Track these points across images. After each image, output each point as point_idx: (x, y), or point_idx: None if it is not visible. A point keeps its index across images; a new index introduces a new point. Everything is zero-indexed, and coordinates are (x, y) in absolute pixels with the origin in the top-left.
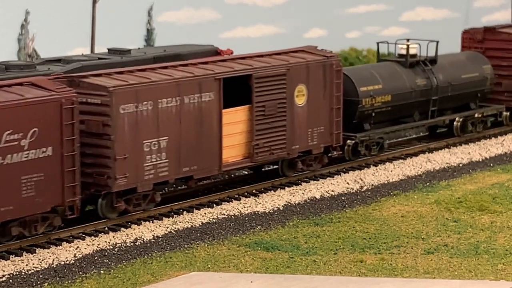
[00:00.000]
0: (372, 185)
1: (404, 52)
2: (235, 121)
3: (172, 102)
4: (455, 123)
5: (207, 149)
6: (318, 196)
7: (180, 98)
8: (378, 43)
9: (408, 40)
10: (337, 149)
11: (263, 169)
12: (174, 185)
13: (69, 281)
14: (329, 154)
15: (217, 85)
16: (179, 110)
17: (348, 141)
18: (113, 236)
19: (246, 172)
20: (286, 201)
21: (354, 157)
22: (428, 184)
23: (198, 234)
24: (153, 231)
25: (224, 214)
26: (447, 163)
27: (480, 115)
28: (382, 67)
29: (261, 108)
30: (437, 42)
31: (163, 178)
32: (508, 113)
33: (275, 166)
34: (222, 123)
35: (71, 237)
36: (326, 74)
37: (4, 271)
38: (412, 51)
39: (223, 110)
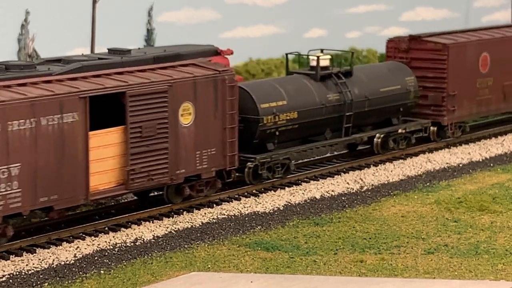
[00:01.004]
0: (372, 185)
1: (315, 64)
2: (106, 144)
3: (26, 125)
4: (375, 140)
5: (71, 176)
6: (318, 196)
7: (36, 119)
8: (287, 54)
9: (322, 51)
10: (232, 172)
11: (150, 194)
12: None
13: (69, 281)
14: (231, 178)
15: (82, 104)
16: (35, 133)
17: (249, 163)
18: (113, 236)
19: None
20: (286, 201)
21: (256, 180)
22: (428, 184)
23: (198, 234)
24: (153, 231)
25: (224, 214)
26: (447, 163)
27: (403, 131)
28: (289, 81)
29: (137, 129)
30: (352, 53)
31: (15, 210)
32: (435, 128)
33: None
34: (89, 146)
35: (71, 237)
36: (218, 91)
37: (4, 271)
38: (323, 63)
39: (91, 133)
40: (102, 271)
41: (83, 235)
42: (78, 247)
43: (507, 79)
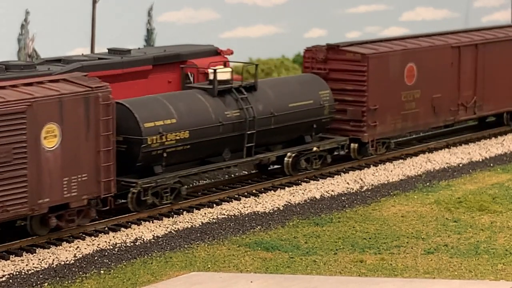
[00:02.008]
0: (372, 185)
1: (212, 77)
2: None
3: None
4: (285, 159)
5: None
6: (318, 196)
7: None
8: (182, 67)
9: (224, 64)
10: (108, 199)
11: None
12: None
13: (69, 281)
14: (107, 206)
15: None
16: None
17: (132, 189)
18: (113, 236)
19: (246, 172)
20: (286, 201)
21: (140, 207)
22: (428, 184)
23: (198, 234)
24: (153, 231)
25: (224, 214)
26: (447, 163)
27: (317, 149)
28: (180, 97)
29: None
30: (257, 65)
31: None
32: (356, 145)
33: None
34: None
35: (71, 237)
36: (90, 110)
37: (4, 271)
38: (222, 77)
39: None
40: (102, 271)
41: (83, 235)
42: (78, 247)
43: (436, 91)
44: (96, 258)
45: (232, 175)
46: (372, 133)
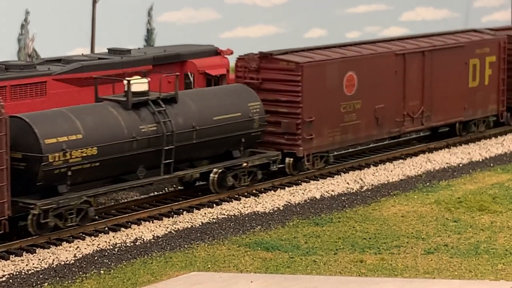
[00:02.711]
0: (372, 185)
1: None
2: None
3: None
4: (211, 176)
5: None
6: (318, 196)
7: None
8: (96, 78)
9: (144, 74)
10: (2, 223)
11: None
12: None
13: (69, 281)
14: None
15: None
16: None
17: (32, 210)
18: (113, 236)
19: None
20: (286, 201)
21: (42, 230)
22: (428, 184)
23: (198, 234)
24: (153, 231)
25: (224, 214)
26: (447, 163)
27: (246, 165)
28: (89, 111)
29: None
30: (177, 75)
31: None
32: (291, 160)
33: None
34: None
35: (71, 237)
36: None
37: (4, 271)
38: (138, 88)
39: None
40: (102, 271)
41: (83, 235)
42: (78, 247)
43: (379, 101)
44: (96, 258)
45: None
46: (308, 146)
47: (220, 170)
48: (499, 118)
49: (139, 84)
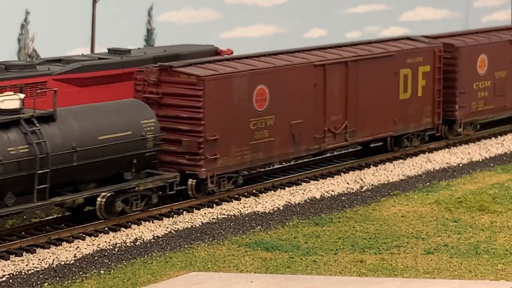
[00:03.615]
0: (372, 185)
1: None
2: None
3: None
4: (98, 200)
5: None
6: (318, 196)
7: None
8: None
9: (21, 89)
10: None
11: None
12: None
13: (69, 281)
14: None
15: None
16: None
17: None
18: (113, 236)
19: (246, 172)
20: (286, 201)
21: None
22: (428, 184)
23: (198, 234)
24: (153, 231)
25: (224, 214)
26: (447, 163)
27: (139, 189)
28: None
29: None
30: (55, 91)
31: None
32: (194, 182)
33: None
34: None
35: (71, 237)
36: None
37: (4, 271)
38: (7, 106)
39: None
40: (102, 271)
41: (83, 235)
42: (78, 247)
43: (296, 116)
44: (96, 258)
45: None
46: (211, 167)
47: (108, 194)
48: (436, 132)
49: (9, 101)
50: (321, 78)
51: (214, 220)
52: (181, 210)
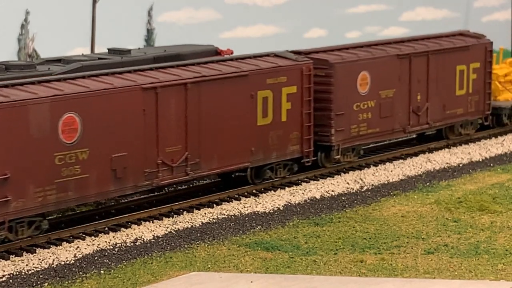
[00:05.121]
0: (372, 185)
1: None
2: None
3: None
4: None
5: None
6: (318, 196)
7: None
8: None
9: None
10: None
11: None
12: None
13: (69, 281)
14: None
15: None
16: None
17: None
18: (113, 236)
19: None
20: (286, 201)
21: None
22: (428, 184)
23: (198, 234)
24: (153, 231)
25: (224, 214)
26: (447, 163)
27: None
28: None
29: None
30: None
31: None
32: None
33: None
34: None
35: (71, 237)
36: None
37: (4, 271)
38: None
39: None
40: (102, 271)
41: (83, 235)
42: (78, 247)
43: (118, 148)
44: (96, 258)
45: (233, 175)
46: (3, 211)
47: None
48: (305, 162)
49: None
50: (152, 103)
51: (214, 220)
52: (181, 210)
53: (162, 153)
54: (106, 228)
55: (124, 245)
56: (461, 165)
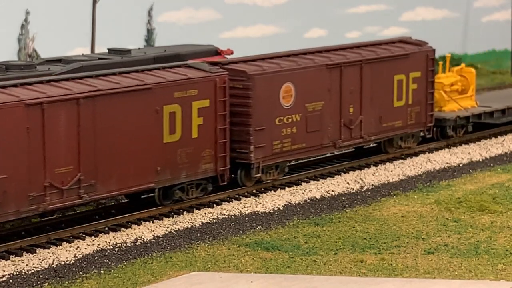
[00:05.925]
0: (372, 185)
1: None
2: None
3: None
4: None
5: None
6: (318, 196)
7: None
8: None
9: None
10: None
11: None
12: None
13: (69, 281)
14: None
15: None
16: None
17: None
18: (113, 236)
19: None
20: (286, 201)
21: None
22: (428, 184)
23: (198, 234)
24: (153, 231)
25: (224, 214)
26: (447, 163)
27: None
28: None
29: None
30: None
31: None
32: None
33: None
34: None
35: (71, 237)
36: None
37: (4, 271)
38: None
39: None
40: (102, 271)
41: (83, 235)
42: (78, 247)
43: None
44: (96, 258)
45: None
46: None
47: None
48: (220, 181)
49: None
50: (38, 121)
51: (214, 220)
52: (181, 210)
53: (50, 174)
54: (106, 228)
55: (124, 245)
56: (461, 165)
